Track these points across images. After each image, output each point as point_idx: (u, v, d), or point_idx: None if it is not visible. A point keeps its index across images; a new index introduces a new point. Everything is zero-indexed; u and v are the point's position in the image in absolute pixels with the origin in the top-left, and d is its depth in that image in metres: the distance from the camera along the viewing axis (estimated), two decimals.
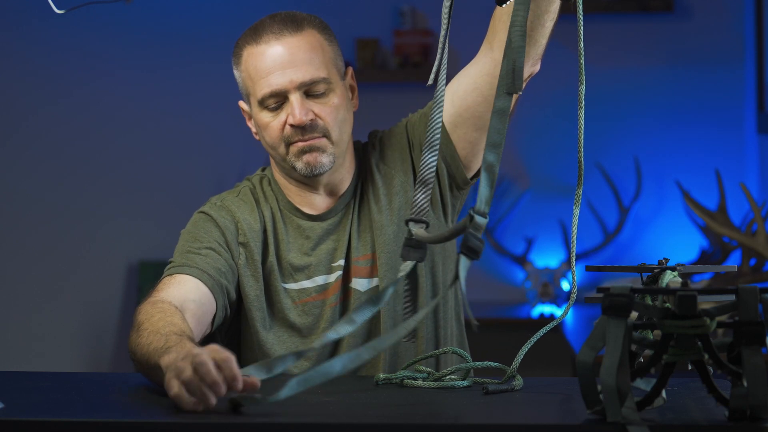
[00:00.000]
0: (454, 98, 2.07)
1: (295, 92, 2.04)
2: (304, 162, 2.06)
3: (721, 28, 4.77)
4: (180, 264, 2.02)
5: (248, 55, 2.07)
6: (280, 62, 2.04)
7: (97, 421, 1.51)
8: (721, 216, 3.77)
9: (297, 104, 2.03)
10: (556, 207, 4.81)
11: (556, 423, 1.50)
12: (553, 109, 4.78)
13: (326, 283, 2.10)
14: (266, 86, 2.04)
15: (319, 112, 2.05)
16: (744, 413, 1.41)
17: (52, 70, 4.92)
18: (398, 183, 2.13)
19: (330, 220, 2.12)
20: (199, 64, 4.90)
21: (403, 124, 2.17)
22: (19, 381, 1.86)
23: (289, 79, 2.04)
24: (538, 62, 2.03)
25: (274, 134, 2.06)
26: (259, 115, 2.08)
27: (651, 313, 1.43)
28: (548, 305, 4.66)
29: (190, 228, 2.10)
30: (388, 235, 2.09)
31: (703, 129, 4.78)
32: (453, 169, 2.11)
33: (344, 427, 1.48)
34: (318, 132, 2.05)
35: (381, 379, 1.82)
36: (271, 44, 2.05)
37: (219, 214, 2.10)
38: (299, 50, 2.05)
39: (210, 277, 2.01)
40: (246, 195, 2.14)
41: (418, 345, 2.09)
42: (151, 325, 1.81)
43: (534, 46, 1.98)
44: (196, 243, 2.06)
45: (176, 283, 1.99)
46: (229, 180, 4.76)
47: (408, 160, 2.14)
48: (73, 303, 4.89)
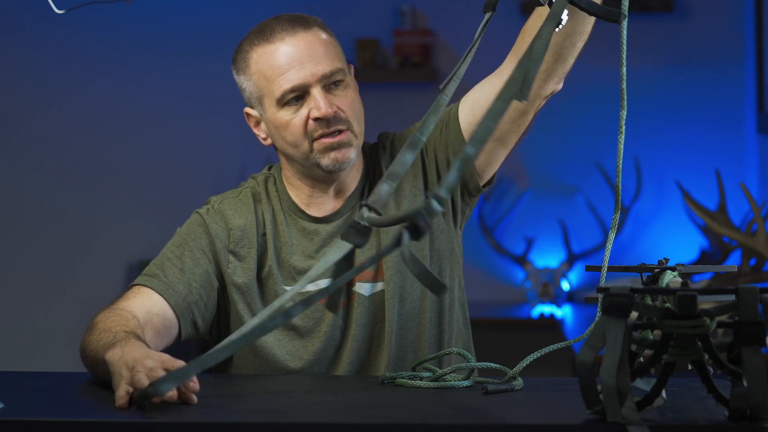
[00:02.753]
0: (474, 107, 2.06)
1: (316, 85, 2.03)
2: (332, 159, 2.04)
3: (721, 28, 4.77)
4: (152, 274, 2.03)
5: (260, 55, 2.05)
6: (297, 57, 2.03)
7: (96, 421, 1.52)
8: (721, 216, 3.77)
9: (320, 97, 2.02)
10: (556, 207, 4.81)
11: (556, 423, 1.50)
12: (553, 109, 4.77)
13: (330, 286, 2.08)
14: (285, 82, 2.03)
15: (340, 104, 2.04)
16: (744, 413, 1.41)
17: (52, 70, 4.92)
18: (408, 187, 2.11)
19: (335, 223, 2.11)
20: (199, 65, 4.90)
21: (416, 127, 2.14)
22: (19, 381, 1.86)
23: (310, 73, 2.03)
24: (562, 81, 2.02)
25: (297, 131, 2.04)
26: (278, 115, 2.05)
27: (651, 313, 1.43)
28: (548, 305, 4.65)
29: (184, 228, 2.11)
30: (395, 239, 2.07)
31: (703, 129, 4.78)
32: (467, 176, 2.10)
33: (344, 426, 1.48)
34: (342, 124, 2.04)
35: (386, 378, 1.82)
36: (286, 40, 2.04)
37: (213, 220, 2.09)
38: (314, 44, 2.05)
39: (176, 293, 2.02)
40: (246, 196, 2.13)
41: (420, 348, 2.08)
42: (104, 325, 1.86)
43: (562, 65, 1.97)
44: (179, 249, 2.07)
45: (141, 295, 2.01)
46: (229, 180, 4.76)
47: (419, 164, 2.12)
48: (73, 303, 4.89)
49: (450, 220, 2.12)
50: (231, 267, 2.07)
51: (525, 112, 2.04)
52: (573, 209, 4.84)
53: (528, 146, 4.80)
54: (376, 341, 2.07)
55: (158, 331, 1.98)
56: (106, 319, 1.89)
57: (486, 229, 4.81)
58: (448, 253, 2.12)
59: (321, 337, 2.06)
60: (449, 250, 2.12)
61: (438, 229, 2.11)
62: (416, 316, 2.08)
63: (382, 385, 1.81)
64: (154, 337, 1.96)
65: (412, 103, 4.60)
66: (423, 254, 2.08)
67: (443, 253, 2.11)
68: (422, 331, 2.08)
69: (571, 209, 4.84)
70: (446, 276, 2.11)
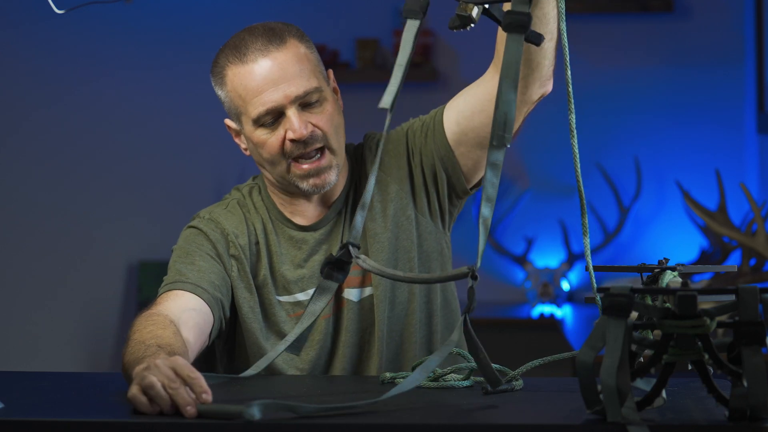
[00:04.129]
0: (459, 117, 2.05)
1: (291, 107, 2.01)
2: (311, 184, 2.04)
3: (721, 28, 4.77)
4: (174, 281, 2.00)
5: (234, 75, 2.04)
6: (271, 78, 2.01)
7: (97, 421, 1.51)
8: (721, 216, 3.77)
9: (295, 119, 2.00)
10: (556, 207, 4.81)
11: (556, 423, 1.50)
12: (553, 109, 4.77)
13: None
14: (260, 105, 2.01)
15: (317, 123, 2.02)
16: (744, 413, 1.41)
17: (51, 70, 4.92)
18: (393, 191, 2.10)
19: (322, 230, 2.10)
20: (199, 64, 4.88)
21: (403, 131, 2.14)
22: (19, 381, 1.85)
23: (283, 95, 2.01)
24: (548, 82, 2.00)
25: (274, 151, 2.03)
26: (254, 134, 2.04)
27: (651, 313, 1.43)
28: (548, 305, 4.65)
29: (182, 244, 2.08)
30: (383, 243, 2.07)
31: (703, 129, 4.78)
32: (454, 180, 2.09)
33: (344, 426, 1.48)
34: (318, 142, 2.02)
35: (387, 378, 1.82)
36: (258, 62, 2.02)
37: (208, 227, 2.08)
38: (288, 64, 2.02)
39: (204, 290, 1.99)
40: (234, 208, 2.12)
41: (411, 350, 2.07)
42: (139, 336, 1.80)
43: (536, 70, 1.96)
44: (189, 258, 2.03)
45: (173, 297, 1.97)
46: (229, 180, 4.76)
47: (405, 167, 2.11)
48: (73, 303, 4.89)
49: (438, 222, 2.12)
50: (234, 271, 2.06)
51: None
52: (573, 209, 4.84)
53: (528, 146, 4.80)
54: (367, 346, 2.07)
55: (200, 328, 1.94)
56: (141, 329, 1.83)
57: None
58: (437, 254, 2.12)
59: (315, 346, 2.06)
60: (438, 251, 2.12)
61: (426, 231, 2.11)
62: (404, 318, 2.08)
63: (382, 385, 1.81)
64: (196, 334, 1.92)
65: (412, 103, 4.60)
66: (411, 256, 2.08)
67: (432, 254, 2.11)
68: (412, 333, 2.08)
69: (571, 209, 4.83)
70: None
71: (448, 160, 2.08)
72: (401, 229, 2.09)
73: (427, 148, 2.09)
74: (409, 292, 2.07)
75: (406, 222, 2.09)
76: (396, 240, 2.08)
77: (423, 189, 2.10)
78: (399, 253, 2.08)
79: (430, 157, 2.09)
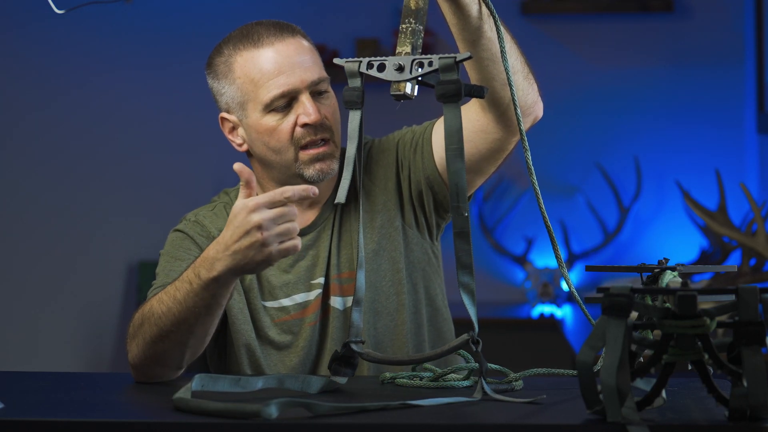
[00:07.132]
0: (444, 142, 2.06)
1: (305, 91, 2.03)
2: (317, 169, 2.03)
3: (721, 27, 4.77)
4: (162, 284, 1.99)
5: (246, 60, 2.04)
6: (288, 62, 2.02)
7: (96, 421, 1.51)
8: (721, 216, 3.77)
9: (309, 103, 2.02)
10: (556, 207, 4.81)
11: (556, 423, 1.50)
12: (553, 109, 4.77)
13: (305, 301, 2.07)
14: (275, 87, 2.02)
15: (325, 113, 2.04)
16: (744, 413, 1.41)
17: (51, 69, 4.92)
18: (380, 202, 2.10)
19: (309, 236, 2.09)
20: (199, 63, 4.86)
21: (394, 141, 2.14)
22: (19, 381, 1.86)
23: (300, 78, 2.02)
24: (534, 106, 1.99)
25: (283, 137, 2.03)
26: (262, 120, 2.04)
27: (651, 313, 1.43)
28: (548, 305, 4.65)
29: (168, 248, 2.08)
30: (368, 254, 2.06)
31: (703, 129, 4.78)
32: (440, 197, 2.09)
33: (344, 426, 1.48)
34: (326, 132, 2.04)
35: (387, 378, 1.82)
36: (275, 45, 2.03)
37: (194, 230, 2.08)
38: (302, 51, 2.04)
39: None
40: (221, 211, 2.11)
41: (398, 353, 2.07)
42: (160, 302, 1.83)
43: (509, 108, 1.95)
44: (177, 263, 2.03)
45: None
46: (229, 179, 4.76)
47: (393, 179, 2.11)
48: (73, 303, 4.89)
49: (425, 234, 2.12)
50: None
51: (502, 149, 2.03)
52: (573, 209, 4.84)
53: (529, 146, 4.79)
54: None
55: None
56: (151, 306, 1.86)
57: (486, 229, 4.81)
58: (424, 264, 2.11)
59: (299, 352, 2.06)
60: (425, 261, 2.12)
61: (413, 242, 2.10)
62: (393, 329, 2.07)
63: (382, 385, 1.81)
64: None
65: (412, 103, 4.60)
66: (398, 267, 2.07)
67: (419, 264, 2.10)
68: (400, 345, 2.07)
69: (571, 209, 4.84)
70: (421, 288, 2.10)
71: (434, 179, 2.08)
72: (388, 239, 2.08)
73: (416, 165, 2.09)
74: (397, 302, 2.07)
75: (394, 232, 2.08)
76: (381, 251, 2.07)
77: (410, 203, 2.10)
78: (385, 264, 2.07)
79: (418, 174, 2.09)
